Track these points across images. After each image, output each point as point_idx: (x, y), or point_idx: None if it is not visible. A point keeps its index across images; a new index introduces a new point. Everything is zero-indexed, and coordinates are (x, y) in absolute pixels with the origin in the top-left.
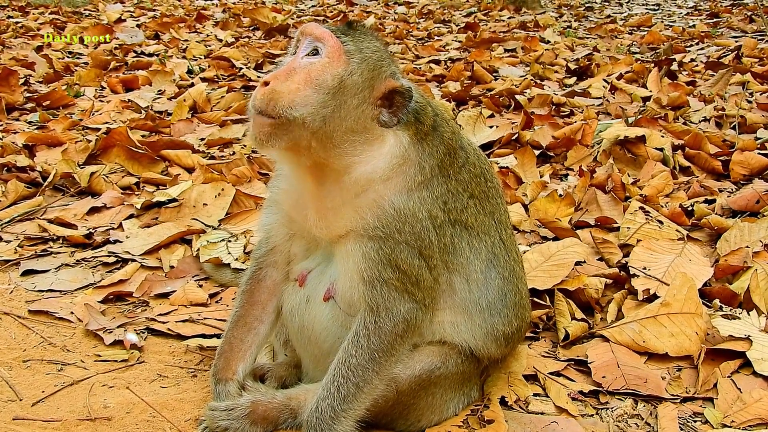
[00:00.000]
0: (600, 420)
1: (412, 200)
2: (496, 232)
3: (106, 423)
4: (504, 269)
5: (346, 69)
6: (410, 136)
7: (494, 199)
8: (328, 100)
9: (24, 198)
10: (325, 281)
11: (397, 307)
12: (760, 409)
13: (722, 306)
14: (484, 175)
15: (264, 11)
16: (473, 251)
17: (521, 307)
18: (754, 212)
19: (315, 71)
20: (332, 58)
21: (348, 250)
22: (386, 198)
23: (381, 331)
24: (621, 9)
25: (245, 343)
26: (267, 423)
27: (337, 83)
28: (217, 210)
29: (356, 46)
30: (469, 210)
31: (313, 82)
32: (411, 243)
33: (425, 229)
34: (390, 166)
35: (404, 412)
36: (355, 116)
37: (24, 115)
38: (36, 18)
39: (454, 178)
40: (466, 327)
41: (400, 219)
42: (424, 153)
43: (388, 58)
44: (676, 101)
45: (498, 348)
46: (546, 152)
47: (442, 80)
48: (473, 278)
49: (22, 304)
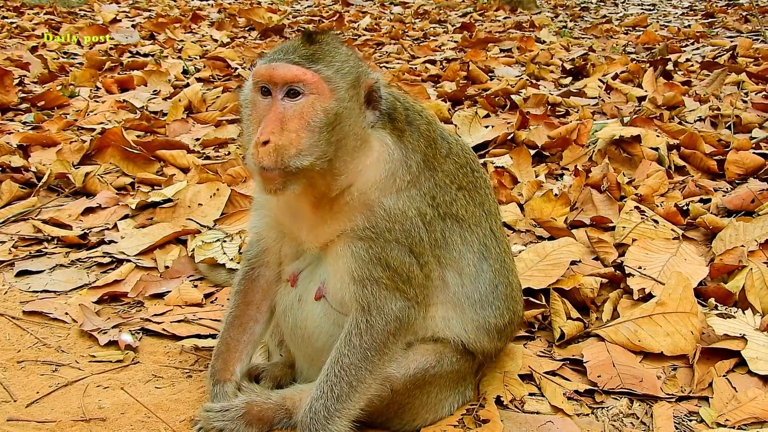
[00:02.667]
0: (595, 419)
1: (401, 200)
2: (486, 224)
3: (100, 424)
4: (495, 261)
5: (334, 97)
6: (390, 134)
7: (482, 190)
8: (331, 136)
9: (18, 198)
10: (316, 281)
11: (388, 306)
12: (754, 408)
13: (717, 305)
14: (470, 165)
15: (260, 11)
16: (466, 244)
17: (513, 300)
18: (749, 211)
19: (307, 114)
20: (317, 93)
21: (338, 250)
22: (376, 200)
23: (373, 330)
24: (616, 9)
25: (241, 343)
26: (262, 423)
27: (333, 116)
28: (212, 210)
29: (331, 68)
30: (458, 202)
31: (310, 126)
32: (401, 241)
33: (415, 227)
34: (381, 172)
35: (399, 411)
36: (355, 133)
37: (18, 116)
38: (31, 18)
39: (440, 169)
40: (457, 321)
41: (390, 219)
42: (407, 150)
43: (354, 56)
44: (672, 101)
45: (491, 341)
46: (541, 152)
47: (438, 80)
48: (466, 272)
49: (17, 304)
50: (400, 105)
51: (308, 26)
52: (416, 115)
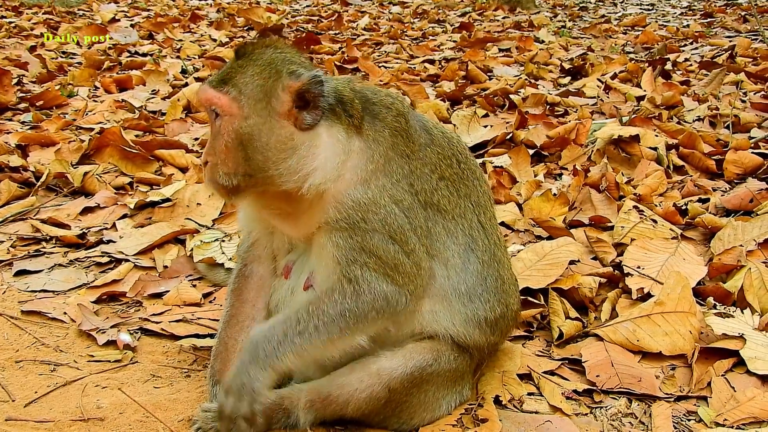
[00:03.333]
0: (594, 419)
1: (370, 190)
2: (473, 215)
3: (99, 423)
4: (483, 253)
5: (243, 115)
6: (345, 128)
7: (470, 182)
8: (248, 153)
9: (17, 198)
10: (305, 271)
11: (378, 285)
12: (753, 408)
13: (716, 305)
14: (456, 157)
15: (258, 11)
16: (450, 235)
17: (504, 293)
18: (748, 211)
19: (224, 134)
20: (228, 114)
21: (321, 242)
22: (343, 192)
23: (359, 299)
24: (615, 9)
25: (239, 342)
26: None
27: (245, 135)
28: (211, 210)
29: (236, 89)
30: (440, 192)
31: (228, 145)
32: (379, 229)
33: (391, 214)
34: (335, 165)
35: (397, 410)
36: (280, 142)
37: (17, 115)
38: (29, 18)
39: (416, 158)
40: (445, 314)
41: (361, 209)
42: (369, 140)
43: (281, 63)
44: (670, 101)
45: (482, 335)
46: (540, 151)
47: (437, 80)
48: (451, 263)
49: (15, 304)
50: (359, 99)
51: (307, 26)
52: (382, 108)
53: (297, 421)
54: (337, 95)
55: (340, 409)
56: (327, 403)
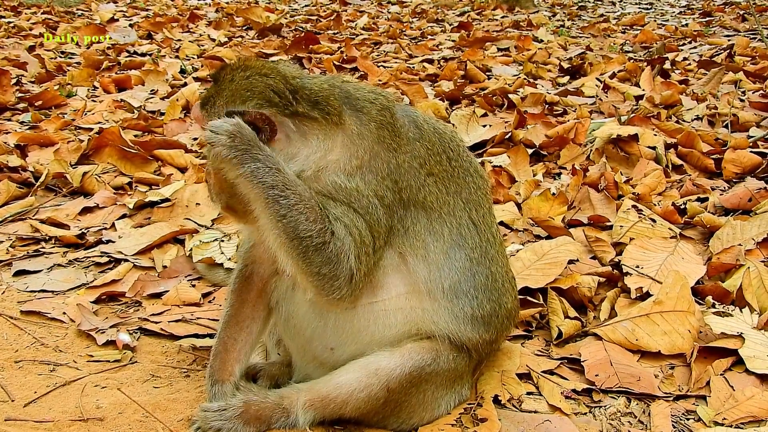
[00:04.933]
0: (593, 418)
1: (354, 181)
2: (463, 213)
3: (98, 423)
4: (473, 251)
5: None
6: (323, 128)
7: (461, 179)
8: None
9: (16, 198)
10: None
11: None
12: (752, 407)
13: (715, 303)
14: (447, 153)
15: (257, 11)
16: (432, 233)
17: (495, 290)
18: (747, 210)
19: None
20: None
21: None
22: (329, 176)
23: (333, 239)
24: (614, 8)
25: (239, 342)
26: (260, 423)
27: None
28: (210, 210)
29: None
30: (427, 188)
31: (210, 168)
32: (360, 211)
33: (372, 205)
34: (316, 159)
35: (396, 410)
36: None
37: (16, 115)
38: (28, 18)
39: (404, 151)
40: (430, 310)
41: (344, 191)
42: (353, 135)
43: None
44: (669, 100)
45: (474, 332)
46: (539, 151)
47: (436, 79)
48: (432, 259)
49: (14, 304)
50: (339, 95)
51: (306, 26)
52: (365, 102)
53: (296, 420)
54: (311, 97)
55: (339, 408)
56: (326, 403)
